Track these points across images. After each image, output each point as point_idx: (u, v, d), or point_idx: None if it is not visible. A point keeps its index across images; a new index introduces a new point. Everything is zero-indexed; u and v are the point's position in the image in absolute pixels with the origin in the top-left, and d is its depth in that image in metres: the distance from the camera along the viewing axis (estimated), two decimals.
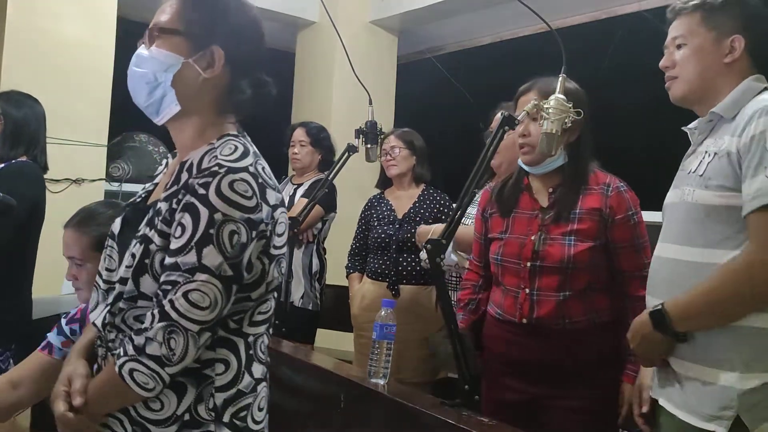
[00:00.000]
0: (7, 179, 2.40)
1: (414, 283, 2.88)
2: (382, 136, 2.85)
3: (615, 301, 1.93)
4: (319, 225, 3.18)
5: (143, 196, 1.38)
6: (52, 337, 1.64)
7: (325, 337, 3.52)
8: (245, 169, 1.17)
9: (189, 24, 1.23)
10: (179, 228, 1.15)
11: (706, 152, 1.47)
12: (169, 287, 1.13)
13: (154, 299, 1.16)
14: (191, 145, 1.26)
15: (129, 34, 3.83)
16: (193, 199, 1.14)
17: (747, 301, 1.37)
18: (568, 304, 1.87)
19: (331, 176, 2.76)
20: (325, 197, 2.89)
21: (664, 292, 1.49)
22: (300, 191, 3.22)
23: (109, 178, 4.02)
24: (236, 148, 1.21)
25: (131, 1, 3.86)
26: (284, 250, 1.27)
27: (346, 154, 2.73)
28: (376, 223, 3.01)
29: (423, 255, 2.56)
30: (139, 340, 1.14)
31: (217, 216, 1.13)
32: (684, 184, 1.51)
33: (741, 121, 1.41)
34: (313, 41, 4.77)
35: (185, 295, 1.13)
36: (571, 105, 1.75)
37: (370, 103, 2.60)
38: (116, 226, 1.33)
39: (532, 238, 1.91)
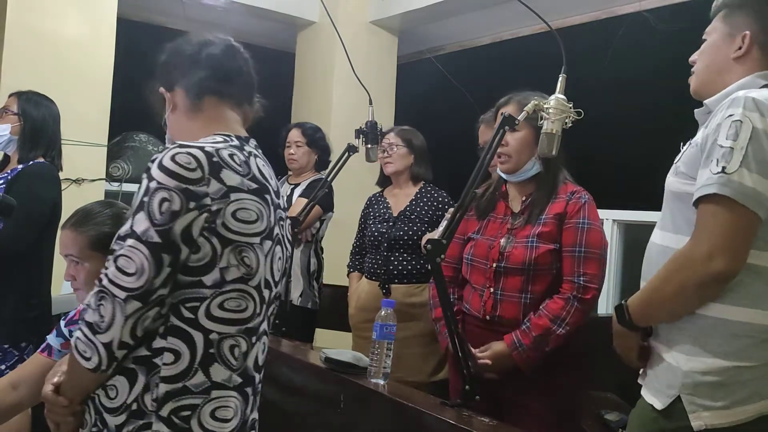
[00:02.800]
0: (27, 180, 2.43)
1: (405, 282, 2.85)
2: (380, 134, 2.83)
3: None
4: (317, 224, 3.18)
5: None
6: (51, 339, 1.63)
7: (323, 337, 3.52)
8: (200, 148, 1.19)
9: (167, 85, 1.36)
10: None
11: (690, 143, 1.48)
12: (110, 257, 1.16)
13: None
14: None
15: (129, 34, 3.86)
16: (144, 175, 1.18)
17: (691, 295, 1.35)
18: (530, 306, 1.98)
19: (330, 176, 2.75)
20: (323, 197, 2.88)
21: (645, 274, 1.50)
22: (297, 191, 3.22)
23: (109, 178, 4.01)
24: (215, 139, 1.26)
25: (131, 1, 3.86)
26: (253, 240, 1.22)
27: (346, 154, 2.73)
28: (371, 222, 3.00)
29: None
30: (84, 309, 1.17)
31: (153, 184, 1.15)
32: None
33: (714, 113, 1.41)
34: (313, 41, 4.76)
35: (115, 260, 1.14)
36: (571, 105, 1.76)
37: (370, 103, 2.60)
38: None
39: (501, 240, 2.03)
